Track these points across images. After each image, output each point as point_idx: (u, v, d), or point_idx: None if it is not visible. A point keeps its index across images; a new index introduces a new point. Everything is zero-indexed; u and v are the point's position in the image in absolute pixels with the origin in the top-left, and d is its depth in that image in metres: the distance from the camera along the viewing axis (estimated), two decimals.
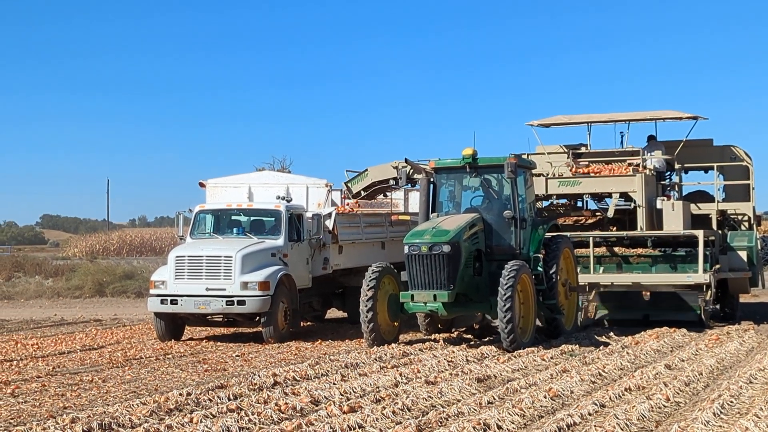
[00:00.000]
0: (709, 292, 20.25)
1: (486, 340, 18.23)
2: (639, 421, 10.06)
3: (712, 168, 23.13)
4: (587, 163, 22.60)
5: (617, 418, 9.88)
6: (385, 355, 15.69)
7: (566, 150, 23.58)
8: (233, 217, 20.31)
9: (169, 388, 12.73)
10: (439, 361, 14.62)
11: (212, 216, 20.18)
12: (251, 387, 12.35)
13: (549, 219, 19.68)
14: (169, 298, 18.63)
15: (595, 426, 9.55)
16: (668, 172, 23.12)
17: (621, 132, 23.67)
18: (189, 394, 11.64)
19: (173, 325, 19.26)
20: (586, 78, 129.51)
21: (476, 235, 17.34)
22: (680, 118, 22.82)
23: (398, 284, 17.69)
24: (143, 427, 9.67)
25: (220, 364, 15.67)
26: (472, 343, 17.82)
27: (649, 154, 22.60)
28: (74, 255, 56.41)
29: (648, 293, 20.73)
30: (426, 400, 11.28)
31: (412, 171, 20.20)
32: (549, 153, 23.44)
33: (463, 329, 19.54)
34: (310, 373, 13.60)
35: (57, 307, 31.05)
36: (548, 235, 18.64)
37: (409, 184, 21.54)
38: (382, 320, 17.44)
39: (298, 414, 10.60)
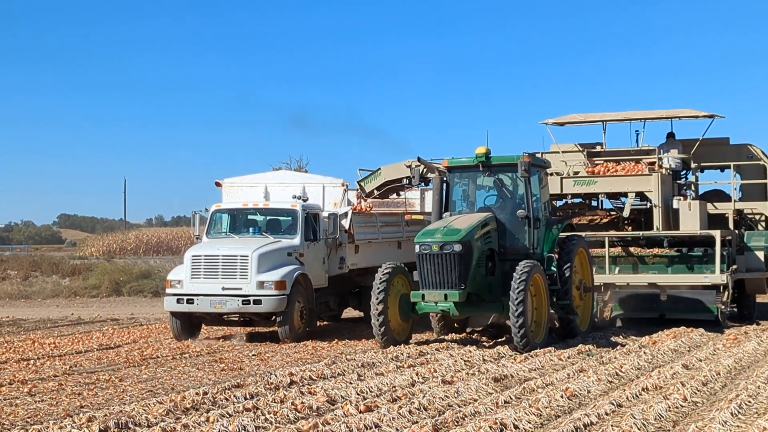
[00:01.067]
0: (726, 292, 19.97)
1: (502, 339, 18.16)
2: (656, 420, 10.02)
3: (728, 167, 22.83)
4: (602, 162, 22.35)
5: (634, 417, 9.84)
6: (402, 354, 15.70)
7: (581, 149, 23.37)
8: (249, 217, 20.25)
9: (185, 387, 12.75)
10: (455, 361, 14.61)
11: (228, 215, 20.15)
12: (268, 386, 12.36)
13: (563, 218, 19.49)
14: (185, 298, 18.60)
15: (612, 426, 9.53)
16: (684, 171, 22.86)
17: (636, 131, 23.44)
18: (205, 393, 11.66)
19: (189, 325, 19.23)
20: (601, 77, 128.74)
21: (489, 235, 17.16)
22: (696, 117, 22.56)
23: (410, 284, 17.51)
24: (160, 426, 9.69)
25: (236, 363, 15.69)
26: (489, 343, 17.76)
27: (664, 153, 22.32)
28: (91, 254, 56.56)
29: (665, 296, 20.39)
30: (442, 399, 11.27)
31: (425, 170, 20.05)
32: (564, 152, 23.16)
33: (479, 329, 19.40)
34: (327, 373, 13.61)
35: (74, 307, 31.20)
36: (563, 234, 18.45)
37: (423, 183, 21.31)
38: (394, 320, 17.30)
39: (314, 413, 10.61)
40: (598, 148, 23.35)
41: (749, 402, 10.83)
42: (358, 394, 11.71)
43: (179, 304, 18.71)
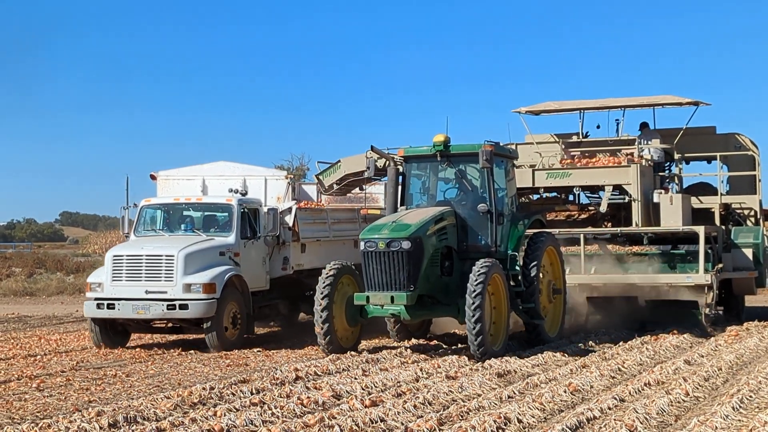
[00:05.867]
0: (711, 293, 18.50)
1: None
2: (658, 415, 10.12)
3: (714, 158, 21.32)
4: (579, 153, 21.02)
5: (637, 412, 9.94)
6: (406, 350, 15.79)
7: (557, 139, 22.05)
8: (184, 213, 18.63)
9: (192, 383, 12.88)
10: (459, 356, 14.71)
11: (160, 211, 18.60)
12: (273, 381, 12.48)
13: (531, 214, 17.77)
14: (105, 302, 16.94)
15: (614, 420, 9.62)
16: (667, 163, 21.52)
17: (616, 119, 22.13)
18: (212, 388, 11.76)
19: (113, 332, 17.65)
20: (578, 62, 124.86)
21: (445, 231, 15.65)
22: (680, 104, 21.18)
23: (359, 285, 15.95)
24: (168, 420, 9.80)
25: (241, 359, 15.82)
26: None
27: (645, 143, 21.05)
28: (94, 252, 56.67)
29: (644, 302, 19.01)
30: (447, 394, 11.38)
31: (388, 162, 17.79)
32: (538, 143, 21.82)
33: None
34: (332, 368, 13.71)
35: (78, 304, 31.07)
36: (531, 231, 17.19)
37: (386, 176, 18.80)
38: (340, 325, 15.80)
39: (320, 408, 10.71)
40: (575, 139, 22.17)
41: (751, 397, 10.93)
42: (363, 389, 11.82)
43: (99, 309, 17.01)
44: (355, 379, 12.56)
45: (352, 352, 15.59)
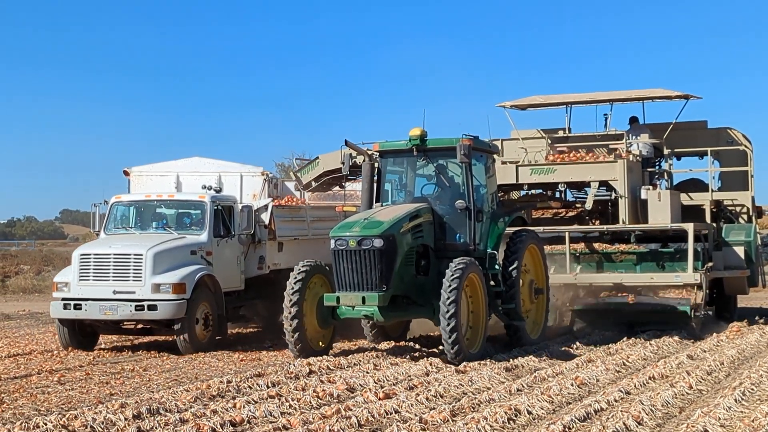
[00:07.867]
0: (701, 293, 17.79)
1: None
2: (663, 407, 10.45)
3: (706, 153, 20.65)
4: (565, 148, 20.29)
5: (642, 404, 10.28)
6: (415, 345, 16.10)
7: (544, 135, 21.38)
8: (157, 210, 18.10)
9: (209, 377, 13.22)
10: None
11: (132, 209, 18.05)
12: (288, 375, 12.80)
13: (512, 211, 17.03)
14: (72, 303, 16.37)
15: (621, 411, 9.94)
16: (657, 159, 20.93)
17: (605, 114, 21.36)
18: (229, 381, 12.10)
19: (81, 333, 17.05)
20: (565, 56, 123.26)
21: (420, 228, 14.95)
22: (670, 98, 20.65)
23: (331, 285, 15.17)
24: (190, 412, 10.14)
25: (254, 354, 16.16)
26: (500, 334, 17.17)
27: (634, 138, 20.46)
28: None
29: (632, 299, 18.15)
30: (457, 387, 11.72)
31: (364, 157, 16.91)
32: (524, 138, 21.10)
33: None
34: (344, 363, 14.03)
35: None
36: (512, 229, 16.64)
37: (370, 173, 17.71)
38: (311, 327, 15.13)
39: (335, 400, 11.04)
40: (561, 134, 21.51)
41: (752, 389, 11.26)
42: (375, 383, 12.15)
43: (66, 309, 16.44)
44: (368, 372, 12.88)
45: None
